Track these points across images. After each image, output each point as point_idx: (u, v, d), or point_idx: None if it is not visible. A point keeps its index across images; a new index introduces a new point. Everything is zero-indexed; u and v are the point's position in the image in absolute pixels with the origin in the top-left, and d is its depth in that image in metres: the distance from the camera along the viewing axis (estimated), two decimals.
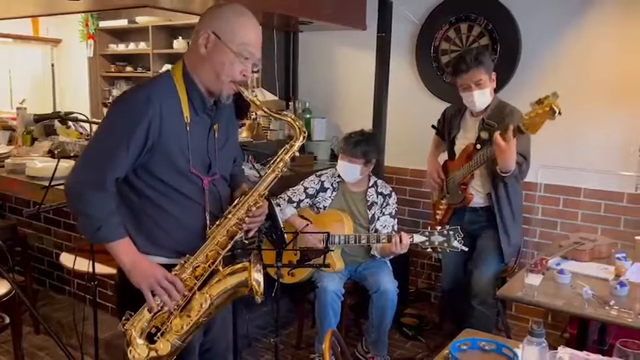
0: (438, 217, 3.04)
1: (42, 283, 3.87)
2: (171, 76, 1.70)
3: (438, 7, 3.79)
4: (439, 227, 2.65)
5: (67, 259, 2.68)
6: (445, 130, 3.04)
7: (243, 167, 2.13)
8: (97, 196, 1.60)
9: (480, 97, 2.72)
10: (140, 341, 1.67)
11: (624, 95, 3.23)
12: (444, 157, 3.14)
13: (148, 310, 1.67)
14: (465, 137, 2.88)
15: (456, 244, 2.61)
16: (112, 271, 2.60)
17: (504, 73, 3.53)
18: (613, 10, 3.22)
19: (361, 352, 3.22)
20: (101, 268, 2.56)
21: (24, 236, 3.58)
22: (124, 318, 1.70)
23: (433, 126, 3.17)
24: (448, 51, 3.76)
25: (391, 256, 3.00)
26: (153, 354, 1.66)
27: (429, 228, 2.69)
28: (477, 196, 2.86)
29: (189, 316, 1.68)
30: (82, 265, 2.55)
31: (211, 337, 1.93)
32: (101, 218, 1.61)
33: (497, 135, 2.49)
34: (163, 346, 1.66)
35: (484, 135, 2.70)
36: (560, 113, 2.30)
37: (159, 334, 1.67)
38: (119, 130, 1.61)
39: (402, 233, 2.73)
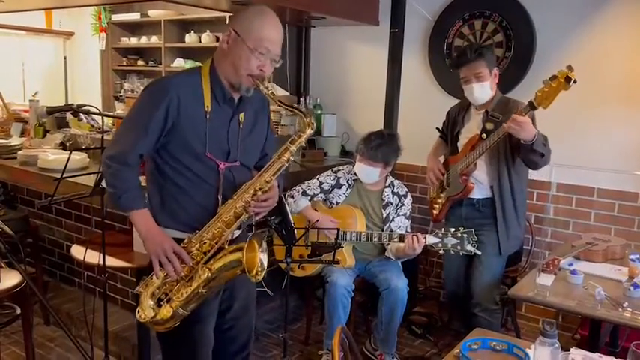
0: (434, 212, 3.00)
1: (52, 275, 3.89)
2: (200, 69, 1.87)
3: (451, 3, 3.76)
4: (453, 229, 2.63)
5: (77, 251, 2.68)
6: (449, 128, 3.00)
7: None
8: (121, 170, 1.80)
9: (479, 90, 2.71)
10: (150, 302, 1.82)
11: (638, 94, 3.18)
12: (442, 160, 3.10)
13: (155, 276, 1.83)
14: (469, 131, 2.84)
15: (469, 247, 2.59)
16: (123, 264, 2.62)
17: (518, 70, 3.50)
18: (628, 8, 3.18)
19: (369, 349, 3.21)
20: (111, 261, 2.57)
21: (35, 228, 3.61)
22: (141, 281, 1.86)
23: (437, 129, 3.15)
24: (462, 47, 3.72)
25: (405, 258, 2.98)
26: (157, 317, 1.81)
27: (443, 229, 2.67)
28: (479, 188, 2.80)
29: (190, 285, 1.80)
30: (93, 257, 2.56)
31: (232, 315, 2.05)
32: (122, 189, 1.81)
33: (514, 115, 2.47)
34: (166, 312, 1.80)
35: (489, 126, 2.68)
36: (575, 82, 2.32)
37: (165, 300, 1.82)
38: (141, 113, 1.81)
39: (418, 234, 2.71)
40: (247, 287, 2.05)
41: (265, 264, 1.80)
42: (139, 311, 1.83)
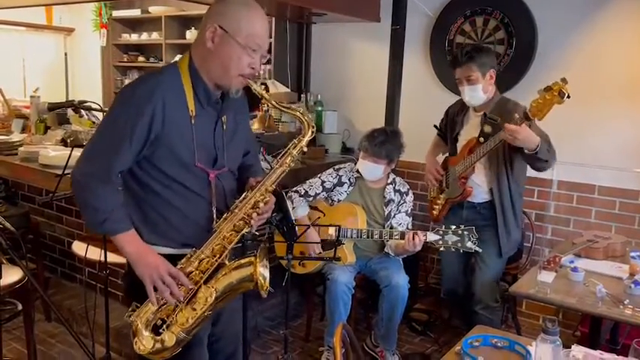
0: (434, 212, 3.00)
1: (53, 271, 3.89)
2: (178, 68, 1.67)
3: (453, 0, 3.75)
4: (454, 227, 2.63)
5: (79, 247, 2.69)
6: (448, 128, 3.00)
7: (258, 157, 2.09)
8: (103, 189, 1.60)
9: (469, 94, 2.70)
10: (146, 333, 1.66)
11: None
12: (441, 158, 3.08)
13: (151, 303, 1.67)
14: (468, 133, 2.83)
15: (469, 244, 2.59)
16: (124, 260, 2.61)
17: (520, 67, 3.50)
18: (629, 6, 3.17)
19: (370, 346, 3.22)
20: (113, 257, 2.57)
21: (36, 224, 3.60)
22: (130, 309, 1.69)
23: (435, 126, 3.14)
24: (463, 45, 3.72)
25: (405, 255, 2.98)
26: (158, 346, 1.65)
27: (443, 227, 2.67)
28: (478, 191, 2.80)
29: (194, 310, 1.66)
30: (94, 253, 2.56)
31: (220, 328, 1.93)
32: (107, 211, 1.61)
33: (506, 125, 2.45)
34: (168, 339, 1.65)
35: (487, 129, 2.67)
36: (569, 96, 2.29)
37: (164, 326, 1.66)
38: (122, 123, 1.59)
39: (418, 232, 2.71)
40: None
41: (268, 276, 1.71)
42: (136, 342, 1.66)
